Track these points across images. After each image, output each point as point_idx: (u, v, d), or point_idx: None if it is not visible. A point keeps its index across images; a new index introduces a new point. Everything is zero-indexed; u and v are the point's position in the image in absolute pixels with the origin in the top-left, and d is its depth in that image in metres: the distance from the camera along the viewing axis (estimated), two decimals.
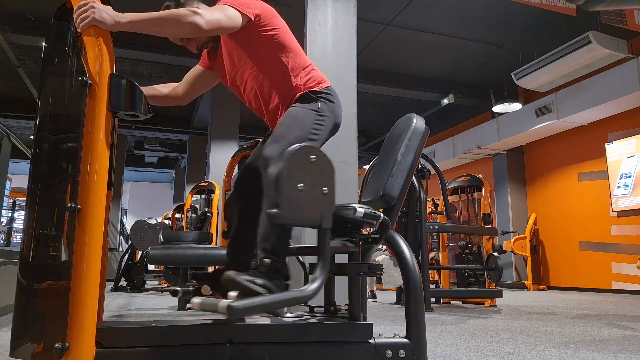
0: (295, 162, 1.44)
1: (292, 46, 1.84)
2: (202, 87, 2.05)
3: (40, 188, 1.41)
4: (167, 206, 15.15)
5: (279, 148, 1.60)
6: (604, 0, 1.43)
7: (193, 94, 2.02)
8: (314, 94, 1.80)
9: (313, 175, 1.47)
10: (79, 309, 1.29)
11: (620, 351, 2.39)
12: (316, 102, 1.78)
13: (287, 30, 1.87)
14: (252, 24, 1.77)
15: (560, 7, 5.66)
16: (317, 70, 1.89)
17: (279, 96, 1.82)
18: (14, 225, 9.17)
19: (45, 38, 1.51)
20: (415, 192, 4.69)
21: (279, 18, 1.87)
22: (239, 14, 1.72)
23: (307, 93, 1.79)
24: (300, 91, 1.79)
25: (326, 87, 1.84)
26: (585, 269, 8.25)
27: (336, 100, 1.85)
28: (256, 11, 1.77)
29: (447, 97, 9.13)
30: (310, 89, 1.80)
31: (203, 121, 11.08)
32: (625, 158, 7.45)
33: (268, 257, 1.57)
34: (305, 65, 1.85)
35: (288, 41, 1.84)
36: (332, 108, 1.82)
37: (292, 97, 1.80)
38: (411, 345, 1.54)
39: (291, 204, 1.42)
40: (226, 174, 5.67)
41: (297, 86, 1.80)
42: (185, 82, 2.01)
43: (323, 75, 1.89)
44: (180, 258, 4.09)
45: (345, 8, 4.34)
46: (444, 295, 5.66)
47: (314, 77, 1.84)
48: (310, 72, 1.85)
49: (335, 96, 1.85)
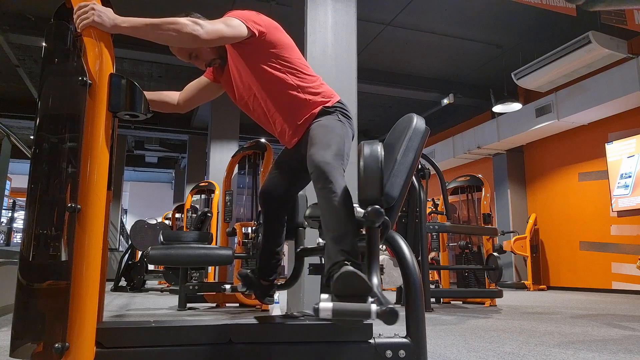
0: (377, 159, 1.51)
1: (298, 63, 1.84)
2: (205, 98, 2.05)
3: (40, 188, 1.41)
4: (167, 206, 15.15)
5: (330, 153, 1.62)
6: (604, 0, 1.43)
7: (194, 103, 2.02)
8: (329, 109, 1.82)
9: None
10: (79, 309, 1.29)
11: (620, 351, 2.39)
12: (336, 114, 1.82)
13: (292, 46, 1.87)
14: (256, 39, 1.75)
15: (560, 7, 5.66)
16: (325, 84, 1.91)
17: (286, 112, 1.82)
18: (14, 225, 9.17)
19: (45, 38, 1.51)
20: (415, 192, 4.69)
21: (284, 33, 1.86)
22: (243, 25, 1.70)
23: (323, 109, 1.81)
24: (313, 107, 1.80)
25: (338, 101, 1.87)
26: (585, 269, 8.25)
27: (351, 115, 1.90)
28: (261, 28, 1.76)
29: (447, 97, 9.13)
30: (324, 105, 1.82)
31: (203, 121, 11.09)
32: (625, 158, 7.45)
33: (349, 260, 1.49)
34: (313, 81, 1.86)
35: (294, 57, 1.84)
36: (349, 120, 1.87)
37: (302, 113, 1.81)
38: (411, 345, 1.54)
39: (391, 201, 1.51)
40: (226, 174, 5.67)
41: (307, 102, 1.81)
42: (188, 91, 2.01)
43: (331, 89, 1.91)
44: (180, 258, 4.09)
45: (345, 8, 4.34)
46: (444, 295, 5.66)
47: (324, 92, 1.86)
48: (319, 87, 1.86)
49: (349, 110, 1.89)
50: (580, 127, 8.23)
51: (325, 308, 1.28)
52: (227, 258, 4.07)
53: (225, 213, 5.49)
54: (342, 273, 1.37)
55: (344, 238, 1.52)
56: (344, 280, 1.36)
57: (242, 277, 2.02)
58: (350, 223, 1.54)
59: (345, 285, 1.36)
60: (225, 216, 5.47)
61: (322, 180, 1.56)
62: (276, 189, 2.00)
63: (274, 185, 2.01)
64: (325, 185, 1.55)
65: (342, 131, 1.77)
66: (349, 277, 1.36)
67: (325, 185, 1.55)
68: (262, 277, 2.02)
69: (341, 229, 1.53)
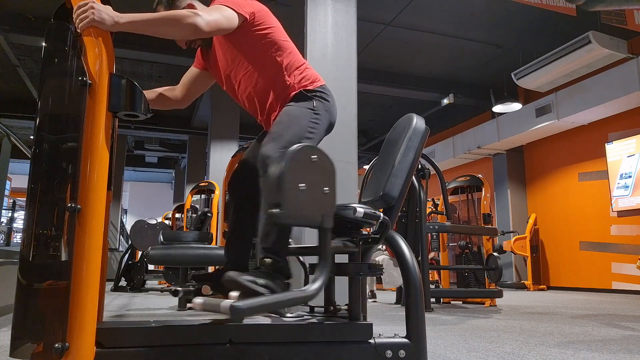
0: (297, 162, 1.44)
1: (287, 45, 1.84)
2: (200, 88, 2.04)
3: (40, 188, 1.41)
4: (167, 206, 15.14)
5: (277, 147, 1.59)
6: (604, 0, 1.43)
7: (192, 95, 2.01)
8: (308, 93, 1.79)
9: (314, 175, 1.47)
10: (79, 309, 1.29)
11: (620, 351, 2.39)
12: (311, 101, 1.78)
13: (281, 29, 1.86)
14: (247, 22, 1.76)
15: (560, 7, 5.66)
16: (311, 68, 1.88)
17: (273, 95, 1.81)
18: (14, 225, 9.17)
19: (45, 38, 1.50)
20: (415, 192, 4.69)
21: (273, 17, 1.87)
22: (236, 14, 1.72)
23: (302, 92, 1.78)
24: (294, 90, 1.79)
25: (320, 85, 1.84)
26: (585, 269, 8.25)
27: (331, 99, 1.84)
28: (251, 10, 1.77)
29: (447, 97, 9.13)
30: (305, 88, 1.79)
31: (203, 121, 11.09)
32: (625, 158, 7.45)
33: (269, 257, 1.56)
34: (300, 64, 1.84)
35: (282, 40, 1.84)
36: (327, 107, 1.81)
37: (286, 96, 1.79)
38: (411, 345, 1.54)
39: (293, 204, 1.41)
40: (226, 174, 5.67)
41: (291, 85, 1.79)
42: (182, 85, 2.01)
43: (317, 73, 1.88)
44: (180, 258, 4.10)
45: (345, 8, 4.34)
46: (444, 295, 5.66)
47: (308, 75, 1.83)
48: (304, 70, 1.84)
49: (330, 95, 1.85)
50: (580, 127, 8.23)
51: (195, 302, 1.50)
52: None
53: (225, 213, 5.49)
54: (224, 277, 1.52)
55: (267, 236, 1.58)
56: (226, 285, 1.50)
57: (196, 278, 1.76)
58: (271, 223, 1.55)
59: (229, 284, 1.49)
60: (225, 216, 5.47)
61: (262, 174, 1.58)
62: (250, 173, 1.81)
63: (253, 157, 1.83)
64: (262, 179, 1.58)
65: (308, 121, 1.73)
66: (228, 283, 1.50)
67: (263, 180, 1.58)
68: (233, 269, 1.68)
69: (264, 227, 1.58)
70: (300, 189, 1.43)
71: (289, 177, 1.41)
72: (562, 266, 8.76)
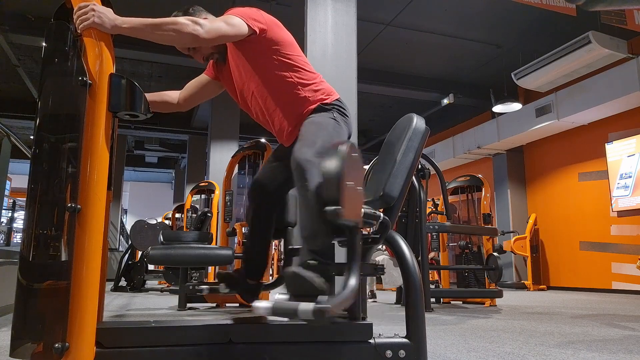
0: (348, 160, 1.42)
1: (299, 60, 1.83)
2: (206, 95, 2.04)
3: (40, 188, 1.41)
4: (167, 206, 15.14)
5: (313, 151, 1.59)
6: (604, 0, 1.43)
7: (195, 101, 2.02)
8: (327, 106, 1.81)
9: (356, 172, 1.47)
10: (79, 309, 1.29)
11: (620, 351, 2.39)
12: (332, 112, 1.80)
13: (293, 42, 1.86)
14: (257, 37, 1.75)
15: (560, 7, 5.66)
16: (325, 82, 1.89)
17: (287, 110, 1.81)
18: (14, 225, 9.17)
19: (45, 38, 1.51)
20: (415, 192, 4.69)
21: (285, 30, 1.86)
22: (244, 23, 1.70)
23: (320, 105, 1.80)
24: (311, 104, 1.80)
25: (336, 99, 1.86)
26: (585, 269, 8.25)
27: (348, 113, 1.87)
28: (262, 26, 1.75)
29: (447, 97, 9.13)
30: (323, 102, 1.81)
31: (203, 121, 11.09)
32: (625, 158, 7.45)
33: (316, 259, 1.49)
34: (314, 78, 1.85)
35: (295, 54, 1.83)
36: (346, 120, 1.84)
37: (301, 110, 1.80)
38: (411, 345, 1.54)
39: (350, 202, 1.39)
40: (226, 174, 5.67)
41: (307, 99, 1.80)
42: (188, 90, 2.00)
43: (331, 87, 1.90)
44: (180, 258, 4.09)
45: (345, 8, 4.34)
46: (444, 295, 5.66)
47: (324, 89, 1.85)
48: (319, 84, 1.85)
49: (347, 109, 1.87)
50: (580, 127, 8.23)
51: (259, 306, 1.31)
52: (227, 258, 4.07)
53: (225, 213, 5.48)
54: (286, 273, 1.42)
55: (314, 237, 1.52)
56: (288, 281, 1.41)
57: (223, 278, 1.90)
58: (322, 223, 1.49)
59: (290, 285, 1.40)
60: (225, 216, 5.47)
61: (300, 178, 1.55)
62: (271, 183, 1.94)
63: (268, 179, 1.94)
64: (302, 183, 1.54)
65: (333, 129, 1.75)
66: (292, 278, 1.39)
67: (303, 183, 1.54)
68: (249, 276, 1.93)
69: (312, 228, 1.52)
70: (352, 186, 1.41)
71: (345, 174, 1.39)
72: (562, 266, 8.76)
